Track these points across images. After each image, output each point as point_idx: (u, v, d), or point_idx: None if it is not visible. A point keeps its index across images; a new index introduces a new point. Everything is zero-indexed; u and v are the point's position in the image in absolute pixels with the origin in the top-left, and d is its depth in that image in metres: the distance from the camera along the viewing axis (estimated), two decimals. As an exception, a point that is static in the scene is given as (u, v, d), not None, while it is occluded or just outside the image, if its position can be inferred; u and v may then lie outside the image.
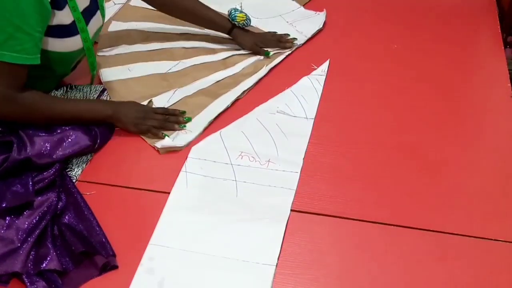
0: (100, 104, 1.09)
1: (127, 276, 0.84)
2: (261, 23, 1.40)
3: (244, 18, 1.27)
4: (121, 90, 1.21)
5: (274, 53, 1.31)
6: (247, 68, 1.27)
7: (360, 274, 0.84)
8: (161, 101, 1.17)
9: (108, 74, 1.25)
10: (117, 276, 0.85)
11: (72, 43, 1.05)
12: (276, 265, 0.85)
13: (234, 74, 1.25)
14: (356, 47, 1.36)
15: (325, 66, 1.29)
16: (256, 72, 1.25)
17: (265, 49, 1.30)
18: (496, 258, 0.85)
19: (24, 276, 0.82)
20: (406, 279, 0.83)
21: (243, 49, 1.31)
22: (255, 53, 1.30)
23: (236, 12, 1.27)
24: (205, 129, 1.11)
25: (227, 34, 1.31)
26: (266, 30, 1.39)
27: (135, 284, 0.83)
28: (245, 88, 1.20)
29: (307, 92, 1.20)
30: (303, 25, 1.41)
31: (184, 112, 1.12)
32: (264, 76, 1.25)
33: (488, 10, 1.48)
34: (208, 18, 1.29)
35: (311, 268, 0.85)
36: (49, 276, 0.83)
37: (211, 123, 1.12)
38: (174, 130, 1.08)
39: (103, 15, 1.15)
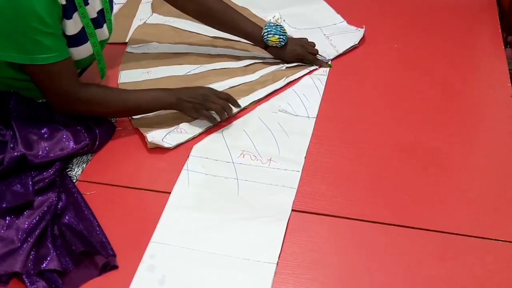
0: (164, 93, 1.08)
1: (127, 276, 0.84)
2: (298, 33, 1.36)
3: (277, 42, 1.22)
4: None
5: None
6: (265, 76, 1.24)
7: (360, 274, 0.84)
8: None
9: (127, 75, 1.26)
10: (117, 276, 0.85)
11: (76, 53, 1.05)
12: (277, 264, 0.85)
13: (250, 81, 1.23)
14: (357, 46, 1.35)
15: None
16: (273, 83, 1.21)
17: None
18: (496, 258, 0.85)
19: (24, 276, 0.82)
20: (406, 279, 0.83)
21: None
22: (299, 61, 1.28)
23: (269, 36, 1.22)
24: (201, 134, 1.10)
25: (265, 49, 1.27)
26: None
27: (136, 281, 0.83)
28: (256, 99, 1.17)
29: (309, 91, 1.20)
30: (339, 39, 1.35)
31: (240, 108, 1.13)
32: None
33: (488, 10, 1.48)
34: (245, 32, 1.25)
35: (311, 268, 0.85)
36: (49, 276, 0.83)
37: (208, 128, 1.11)
38: (224, 120, 1.09)
39: (109, 29, 1.14)
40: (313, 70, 1.27)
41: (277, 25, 1.23)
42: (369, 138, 1.08)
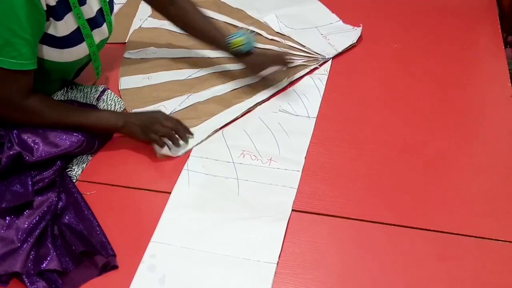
0: (113, 116, 1.05)
1: (127, 276, 0.84)
2: (295, 33, 1.36)
3: (240, 44, 1.14)
4: (135, 95, 1.20)
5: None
6: (267, 77, 1.24)
7: (361, 274, 0.84)
8: (173, 104, 1.17)
9: (127, 82, 1.25)
10: (117, 276, 0.85)
11: (70, 54, 1.04)
12: (277, 264, 0.85)
13: (252, 83, 1.22)
14: (357, 46, 1.35)
15: (327, 65, 1.29)
16: (275, 83, 1.21)
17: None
18: (496, 258, 0.85)
19: (24, 276, 0.83)
20: (406, 279, 0.83)
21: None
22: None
23: (232, 38, 1.15)
24: (208, 137, 1.09)
25: (233, 56, 1.20)
26: (299, 40, 1.35)
27: (136, 281, 0.83)
28: (259, 100, 1.17)
29: (309, 91, 1.20)
30: (336, 38, 1.35)
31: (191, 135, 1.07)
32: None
33: (488, 10, 1.48)
34: (213, 40, 1.20)
35: (311, 268, 0.85)
36: (49, 276, 0.83)
37: (215, 131, 1.10)
38: (177, 145, 1.04)
39: (110, 30, 1.13)
40: (314, 69, 1.27)
41: (246, 32, 1.16)
42: (369, 138, 1.08)
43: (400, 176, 1.00)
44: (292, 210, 0.94)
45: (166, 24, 1.44)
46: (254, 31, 1.19)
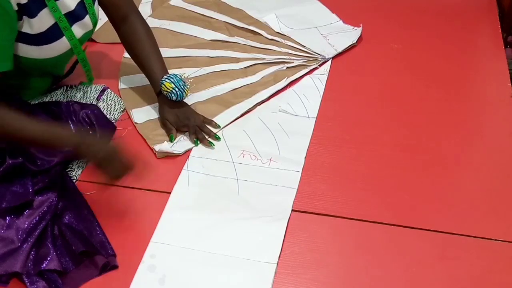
0: (67, 132, 0.98)
1: (127, 276, 0.84)
2: (295, 33, 1.36)
3: (170, 90, 1.06)
4: (135, 95, 1.20)
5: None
6: (267, 77, 1.24)
7: (360, 274, 0.84)
8: None
9: (127, 81, 1.25)
10: (117, 276, 0.85)
11: (50, 50, 1.00)
12: (277, 264, 0.85)
13: (252, 83, 1.22)
14: (357, 47, 1.35)
15: (327, 65, 1.29)
16: (275, 83, 1.21)
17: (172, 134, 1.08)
18: (496, 258, 0.85)
19: (24, 276, 0.83)
20: (406, 279, 0.83)
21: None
22: (164, 127, 1.11)
23: (166, 80, 1.06)
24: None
25: (157, 96, 1.13)
26: (299, 40, 1.34)
27: (137, 281, 0.83)
28: (259, 100, 1.17)
29: (309, 91, 1.20)
30: (336, 38, 1.35)
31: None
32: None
33: (488, 10, 1.48)
34: (149, 72, 1.13)
35: (311, 268, 0.85)
36: (49, 276, 0.83)
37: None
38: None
39: (93, 22, 1.09)
40: (313, 69, 1.27)
41: (182, 79, 1.08)
42: (369, 138, 1.08)
43: (400, 176, 1.00)
44: (292, 210, 0.94)
45: (166, 24, 1.44)
46: (187, 82, 1.09)
